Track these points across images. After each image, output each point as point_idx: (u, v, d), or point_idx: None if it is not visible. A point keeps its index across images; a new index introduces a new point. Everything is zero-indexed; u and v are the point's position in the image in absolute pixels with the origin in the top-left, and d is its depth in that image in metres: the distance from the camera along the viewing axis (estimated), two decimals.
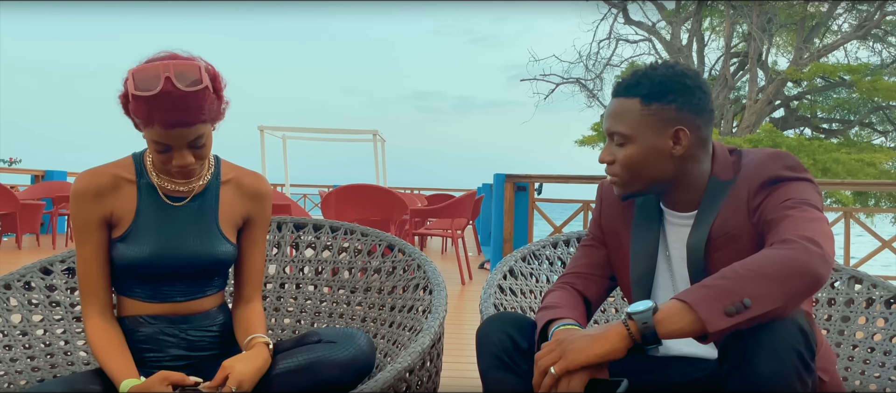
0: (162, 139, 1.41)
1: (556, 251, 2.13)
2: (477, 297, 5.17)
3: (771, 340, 1.12)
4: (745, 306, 1.12)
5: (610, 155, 1.43)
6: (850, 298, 1.95)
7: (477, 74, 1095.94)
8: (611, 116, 1.42)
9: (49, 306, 1.87)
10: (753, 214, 1.34)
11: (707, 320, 1.12)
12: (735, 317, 1.12)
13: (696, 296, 1.15)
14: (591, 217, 1.67)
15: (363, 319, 2.00)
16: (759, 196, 1.34)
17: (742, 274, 1.15)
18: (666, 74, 1.38)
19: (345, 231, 2.14)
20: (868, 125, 19.03)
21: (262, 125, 10.93)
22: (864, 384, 1.79)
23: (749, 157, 1.41)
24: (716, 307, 1.13)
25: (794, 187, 1.32)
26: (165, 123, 1.38)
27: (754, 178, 1.36)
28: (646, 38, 19.81)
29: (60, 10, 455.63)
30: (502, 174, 6.58)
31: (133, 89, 1.36)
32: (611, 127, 1.41)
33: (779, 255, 1.17)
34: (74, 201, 1.50)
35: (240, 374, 1.38)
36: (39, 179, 10.12)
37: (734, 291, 1.13)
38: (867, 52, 18.62)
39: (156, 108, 1.36)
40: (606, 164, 1.44)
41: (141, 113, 1.38)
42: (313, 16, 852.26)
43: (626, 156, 1.39)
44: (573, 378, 1.19)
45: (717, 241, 1.37)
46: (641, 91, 1.37)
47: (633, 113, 1.38)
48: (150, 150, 1.48)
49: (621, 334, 1.18)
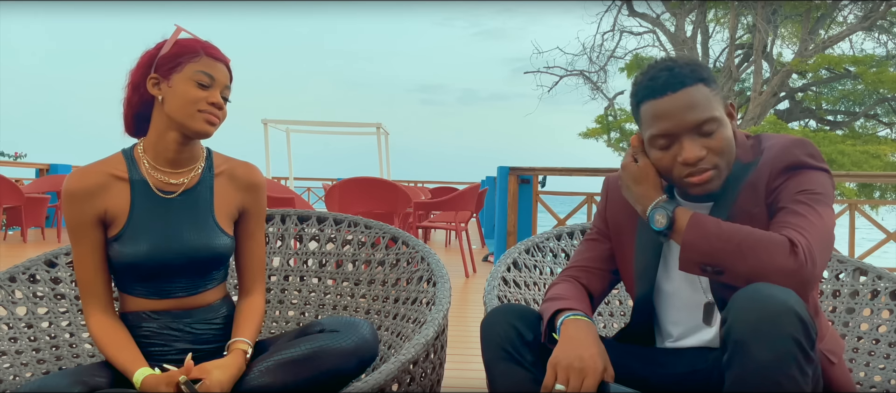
0: (209, 69, 1.50)
1: (559, 243, 2.12)
2: (481, 289, 5.18)
3: (770, 328, 1.12)
4: (717, 273, 1.27)
5: (701, 150, 1.34)
6: (855, 290, 1.95)
7: (481, 67, 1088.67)
8: (691, 107, 1.32)
9: (54, 299, 1.88)
10: (769, 195, 1.36)
11: (683, 261, 1.30)
12: (705, 274, 1.29)
13: (693, 237, 1.28)
14: (596, 211, 1.66)
15: (367, 311, 2.00)
16: (779, 178, 1.35)
17: (741, 248, 1.24)
18: (690, 60, 1.40)
19: (348, 224, 2.14)
20: (873, 117, 18.95)
21: (266, 119, 10.93)
22: (868, 376, 1.79)
23: (770, 141, 1.41)
24: (696, 258, 1.28)
25: (813, 177, 1.34)
26: (214, 56, 1.52)
27: (777, 162, 1.36)
28: (650, 30, 19.73)
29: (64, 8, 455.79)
30: (506, 167, 6.57)
31: (181, 33, 1.52)
32: (699, 116, 1.32)
33: (779, 255, 1.21)
34: (66, 202, 1.50)
35: (217, 382, 1.38)
36: (44, 173, 10.15)
37: (718, 258, 1.26)
38: (873, 43, 18.57)
39: (205, 45, 1.52)
40: (696, 161, 1.34)
41: (189, 49, 1.50)
42: (318, 10, 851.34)
43: (721, 139, 1.34)
44: (586, 381, 1.24)
45: (735, 220, 1.36)
46: (701, 75, 1.35)
47: (709, 96, 1.35)
48: (186, 90, 1.48)
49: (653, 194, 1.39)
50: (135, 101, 1.53)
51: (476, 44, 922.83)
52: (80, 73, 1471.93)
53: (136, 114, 1.55)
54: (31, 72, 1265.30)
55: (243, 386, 1.42)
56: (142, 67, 1.52)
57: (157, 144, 1.53)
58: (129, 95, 1.53)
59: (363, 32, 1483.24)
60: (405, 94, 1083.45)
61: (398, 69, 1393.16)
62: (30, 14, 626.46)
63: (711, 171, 1.34)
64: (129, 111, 1.55)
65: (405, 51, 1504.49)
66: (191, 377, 1.37)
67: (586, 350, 1.27)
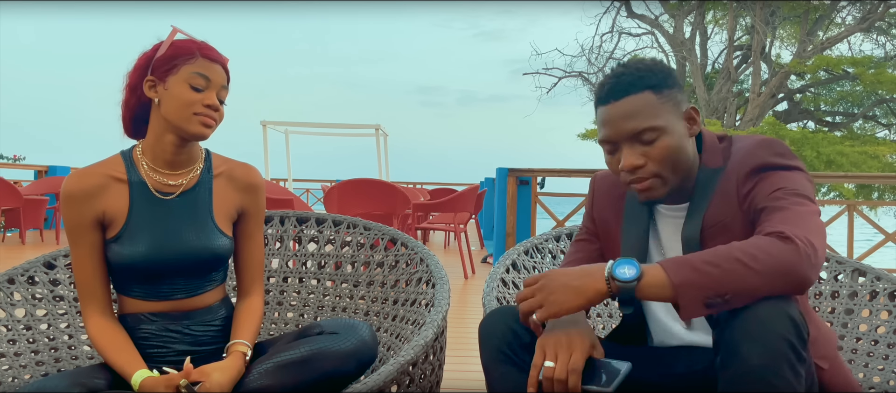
0: (204, 71, 1.49)
1: (558, 245, 2.12)
2: (480, 291, 5.18)
3: (762, 330, 1.12)
4: (725, 301, 1.15)
5: (638, 158, 1.33)
6: (854, 291, 1.95)
7: (480, 69, 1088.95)
8: (630, 116, 1.32)
9: (53, 301, 1.88)
10: (743, 201, 1.33)
11: (684, 307, 1.16)
12: (712, 309, 1.16)
13: (682, 279, 1.15)
14: (584, 211, 1.66)
15: (366, 312, 2.00)
16: (748, 184, 1.33)
17: (733, 265, 1.15)
18: (650, 63, 1.37)
19: (347, 225, 2.14)
20: (872, 118, 18.99)
21: (265, 120, 10.92)
22: (867, 377, 1.79)
23: (738, 144, 1.40)
24: (697, 296, 1.15)
25: (785, 176, 1.31)
26: (209, 56, 1.51)
27: (743, 166, 1.34)
28: (648, 31, 19.76)
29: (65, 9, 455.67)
30: (505, 168, 6.57)
31: (177, 35, 1.51)
32: (637, 126, 1.32)
33: (774, 250, 1.16)
34: (65, 204, 1.50)
35: (217, 384, 1.38)
36: (43, 175, 10.14)
37: (720, 285, 1.14)
38: (871, 44, 18.65)
39: (201, 46, 1.51)
40: (634, 169, 1.34)
41: (184, 50, 1.49)
42: (317, 11, 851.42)
43: (663, 149, 1.32)
44: (574, 356, 1.22)
45: (710, 230, 1.36)
46: (649, 82, 1.34)
47: (654, 104, 1.33)
48: (181, 92, 1.47)
49: (599, 292, 1.20)
50: (132, 103, 1.53)
51: (475, 45, 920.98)
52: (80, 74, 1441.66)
53: (135, 116, 1.55)
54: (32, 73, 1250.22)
55: (243, 388, 1.42)
56: (138, 70, 1.51)
57: (155, 146, 1.53)
58: (126, 98, 1.53)
59: (362, 34, 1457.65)
60: (404, 95, 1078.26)
61: (397, 71, 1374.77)
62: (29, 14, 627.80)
63: (651, 180, 1.34)
64: (128, 113, 1.55)
65: (404, 52, 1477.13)
66: (190, 380, 1.37)
67: (574, 327, 1.27)
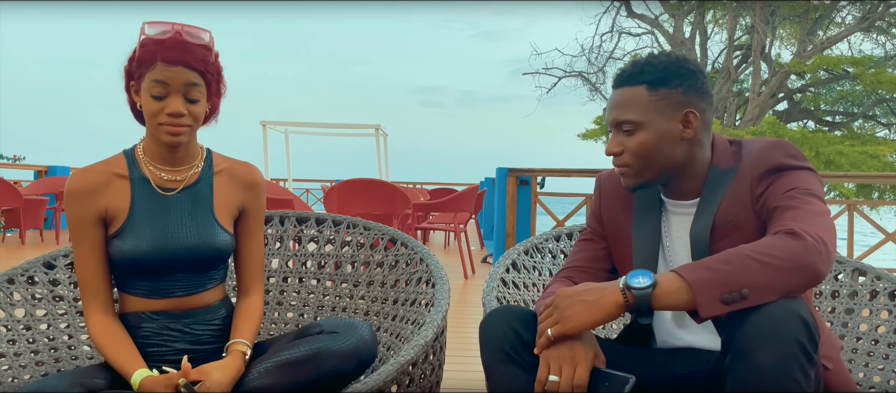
0: (161, 77, 1.44)
1: (558, 244, 2.12)
2: (480, 290, 5.18)
3: (773, 331, 1.12)
4: (742, 297, 1.16)
5: (618, 146, 1.42)
6: (854, 291, 1.95)
7: (481, 69, 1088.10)
8: (616, 106, 1.42)
9: (52, 301, 1.88)
10: (757, 201, 1.36)
11: (702, 305, 1.17)
12: (730, 305, 1.16)
13: (698, 277, 1.18)
14: (589, 211, 1.67)
15: (366, 312, 2.00)
16: (762, 184, 1.36)
17: (745, 261, 1.18)
18: (669, 60, 1.41)
19: (347, 225, 2.14)
20: (871, 118, 18.99)
21: (265, 120, 10.92)
22: (867, 376, 1.79)
23: (750, 147, 1.43)
24: (713, 294, 1.16)
25: (797, 176, 1.35)
26: (168, 59, 1.43)
27: (757, 167, 1.38)
28: (648, 31, 19.76)
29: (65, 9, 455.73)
30: (505, 168, 6.56)
31: (144, 33, 1.45)
32: (618, 116, 1.41)
33: (784, 246, 1.19)
34: (68, 201, 1.51)
35: (217, 383, 1.38)
36: (43, 175, 10.14)
37: (735, 280, 1.16)
38: (871, 44, 18.62)
39: (162, 47, 1.44)
40: (614, 155, 1.44)
41: (147, 55, 1.44)
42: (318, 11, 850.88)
43: (637, 143, 1.40)
44: (578, 368, 1.23)
45: (720, 229, 1.38)
46: (647, 78, 1.39)
47: (641, 100, 1.39)
48: (146, 102, 1.47)
49: (617, 304, 1.22)
50: (130, 103, 1.54)
51: (475, 45, 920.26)
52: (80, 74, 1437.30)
53: (139, 112, 1.56)
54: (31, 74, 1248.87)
55: (242, 387, 1.42)
56: (124, 74, 1.52)
57: (151, 145, 1.55)
58: (128, 98, 1.55)
59: (363, 34, 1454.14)
60: (404, 95, 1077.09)
61: (397, 71, 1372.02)
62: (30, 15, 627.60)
63: (623, 168, 1.43)
64: (133, 111, 1.56)
65: (404, 52, 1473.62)
66: (189, 379, 1.37)
67: (577, 340, 1.28)
